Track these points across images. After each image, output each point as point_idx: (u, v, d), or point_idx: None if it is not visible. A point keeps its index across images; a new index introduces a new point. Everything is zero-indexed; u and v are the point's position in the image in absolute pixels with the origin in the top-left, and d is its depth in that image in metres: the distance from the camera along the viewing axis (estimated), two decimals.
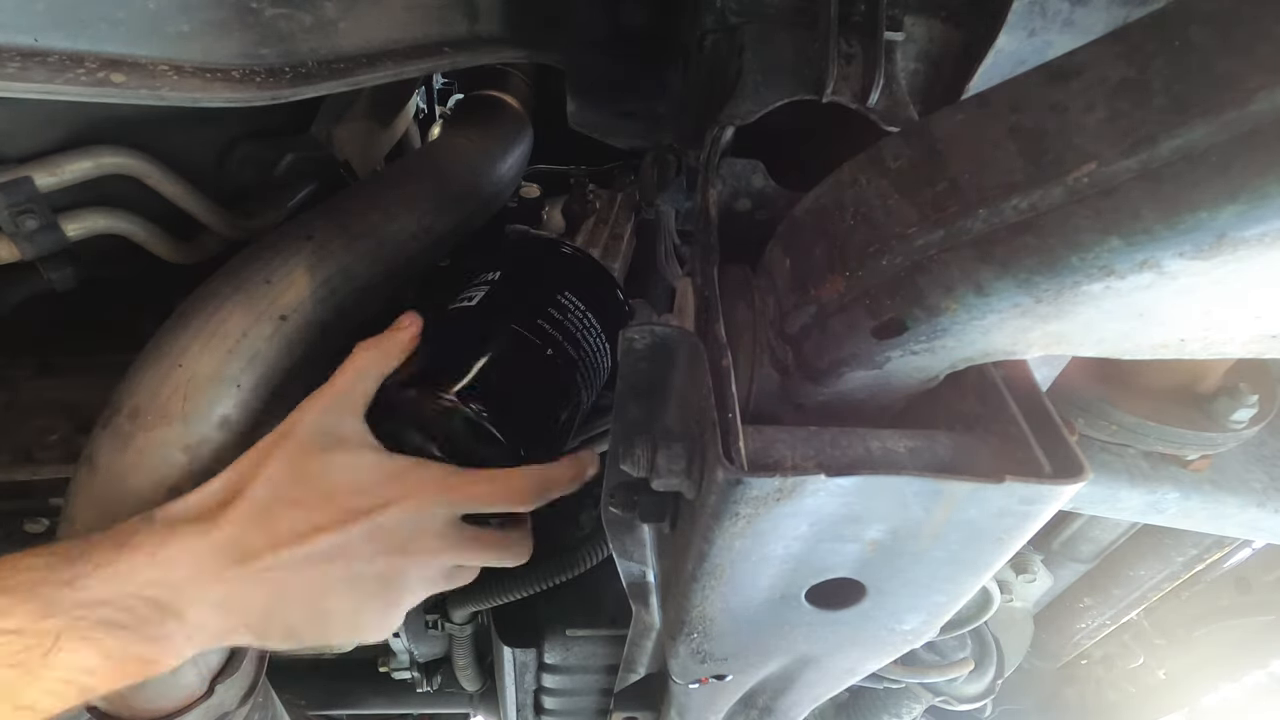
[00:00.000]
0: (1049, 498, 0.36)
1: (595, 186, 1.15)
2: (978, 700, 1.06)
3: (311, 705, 1.51)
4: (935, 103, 0.61)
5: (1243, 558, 1.21)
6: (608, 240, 1.02)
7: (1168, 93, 0.27)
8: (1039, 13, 0.54)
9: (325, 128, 0.88)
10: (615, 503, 0.46)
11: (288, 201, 0.83)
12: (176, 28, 0.56)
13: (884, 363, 0.38)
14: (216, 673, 0.66)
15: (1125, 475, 0.78)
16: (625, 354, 0.44)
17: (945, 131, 0.34)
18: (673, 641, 0.50)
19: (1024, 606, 1.26)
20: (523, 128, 1.05)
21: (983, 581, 0.44)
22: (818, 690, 0.62)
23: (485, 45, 0.72)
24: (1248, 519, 0.80)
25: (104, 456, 0.56)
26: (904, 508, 0.36)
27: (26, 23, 0.52)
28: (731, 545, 0.38)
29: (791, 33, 0.55)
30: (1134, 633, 1.38)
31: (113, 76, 0.54)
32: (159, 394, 0.57)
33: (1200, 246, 0.26)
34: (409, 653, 1.38)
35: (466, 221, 0.85)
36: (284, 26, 0.60)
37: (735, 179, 0.51)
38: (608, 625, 1.06)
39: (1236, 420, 0.74)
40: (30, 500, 0.79)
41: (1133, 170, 0.27)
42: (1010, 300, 0.32)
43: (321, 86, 0.62)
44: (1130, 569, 1.21)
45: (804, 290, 0.40)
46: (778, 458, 0.35)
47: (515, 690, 1.14)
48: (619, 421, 0.47)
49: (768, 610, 0.45)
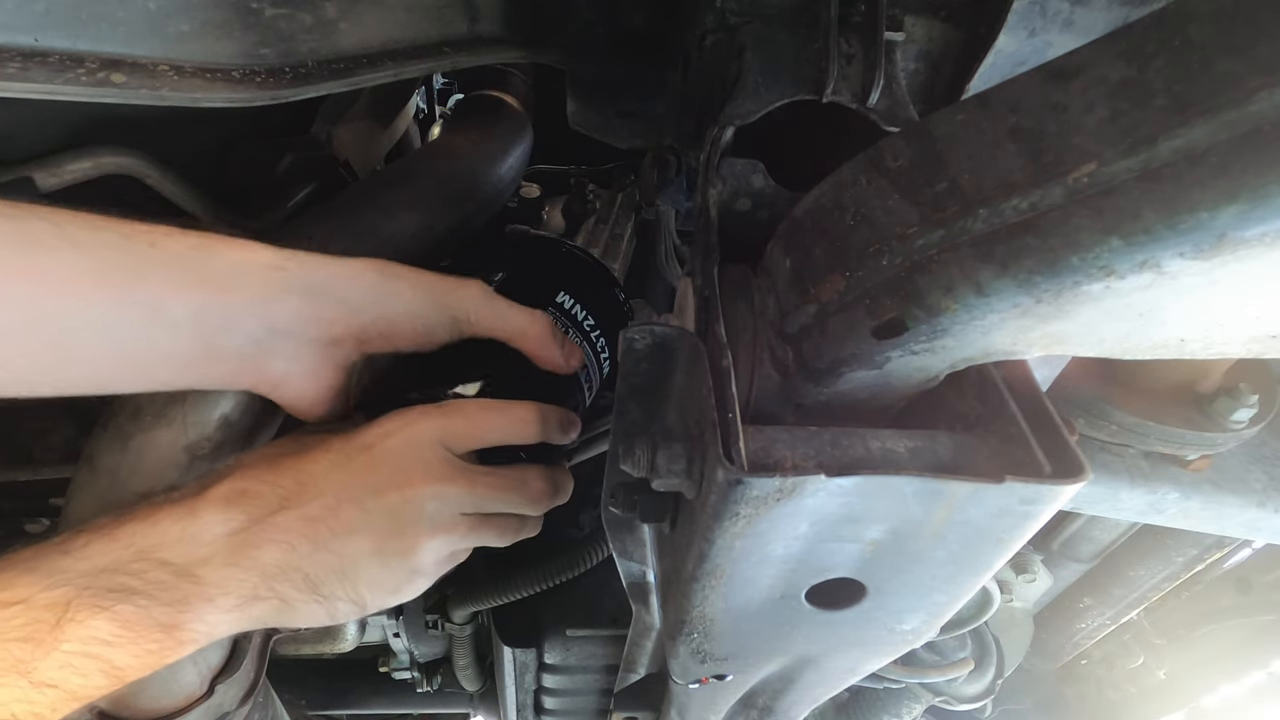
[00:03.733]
0: (1049, 498, 0.36)
1: (595, 186, 1.15)
2: (978, 700, 1.06)
3: (311, 705, 1.51)
4: (935, 103, 0.61)
5: (1243, 558, 1.21)
6: (608, 240, 1.02)
7: (1168, 93, 0.27)
8: (1039, 13, 0.54)
9: (325, 128, 0.88)
10: (615, 503, 0.46)
11: (288, 201, 0.83)
12: (177, 28, 0.56)
13: (884, 363, 0.38)
14: (217, 672, 0.66)
15: (1125, 475, 0.78)
16: (625, 354, 0.44)
17: (945, 131, 0.34)
18: (673, 641, 0.50)
19: (1024, 606, 1.26)
20: (523, 128, 1.05)
21: (983, 581, 0.44)
22: (818, 690, 0.62)
23: (485, 45, 0.72)
24: (1248, 519, 0.80)
25: (104, 456, 0.56)
26: (904, 508, 0.36)
27: (27, 23, 0.52)
28: (732, 545, 0.38)
29: (791, 33, 0.55)
30: (1134, 633, 1.38)
31: (113, 76, 0.54)
32: (159, 394, 0.57)
33: (1200, 247, 0.26)
34: (409, 653, 1.38)
35: (467, 221, 0.85)
36: (284, 26, 0.60)
37: (735, 179, 0.51)
38: (608, 625, 1.06)
39: (1236, 420, 0.74)
40: (30, 500, 0.80)
41: (1133, 170, 0.27)
42: (1010, 300, 0.32)
43: (322, 86, 0.62)
44: (1130, 569, 1.21)
45: (804, 290, 0.40)
46: (778, 458, 0.35)
47: (515, 690, 1.14)
48: (619, 421, 0.47)
49: (768, 610, 0.45)
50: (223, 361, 0.48)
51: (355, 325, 0.51)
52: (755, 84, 0.53)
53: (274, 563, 0.48)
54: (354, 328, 0.51)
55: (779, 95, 0.53)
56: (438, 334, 0.55)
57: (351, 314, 0.51)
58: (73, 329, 0.44)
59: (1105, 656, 1.43)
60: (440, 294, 0.54)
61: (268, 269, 0.48)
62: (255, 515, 0.48)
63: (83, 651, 0.42)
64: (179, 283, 0.46)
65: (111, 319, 0.44)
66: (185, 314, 0.46)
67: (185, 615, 0.46)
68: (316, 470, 0.50)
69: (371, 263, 0.52)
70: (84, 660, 0.42)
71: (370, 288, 0.51)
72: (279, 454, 0.51)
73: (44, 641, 0.40)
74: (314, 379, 0.51)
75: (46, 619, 0.41)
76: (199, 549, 0.46)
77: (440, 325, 0.54)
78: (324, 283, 0.50)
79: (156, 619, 0.44)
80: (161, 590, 0.45)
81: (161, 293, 0.45)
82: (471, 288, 0.55)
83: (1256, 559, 1.22)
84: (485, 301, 0.56)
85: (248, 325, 0.48)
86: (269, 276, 0.48)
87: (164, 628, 0.45)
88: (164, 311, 0.45)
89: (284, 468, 0.50)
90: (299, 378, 0.51)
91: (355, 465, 0.50)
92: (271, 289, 0.48)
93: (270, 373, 0.50)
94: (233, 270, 0.47)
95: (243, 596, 0.48)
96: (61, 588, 0.42)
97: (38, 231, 0.43)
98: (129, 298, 0.45)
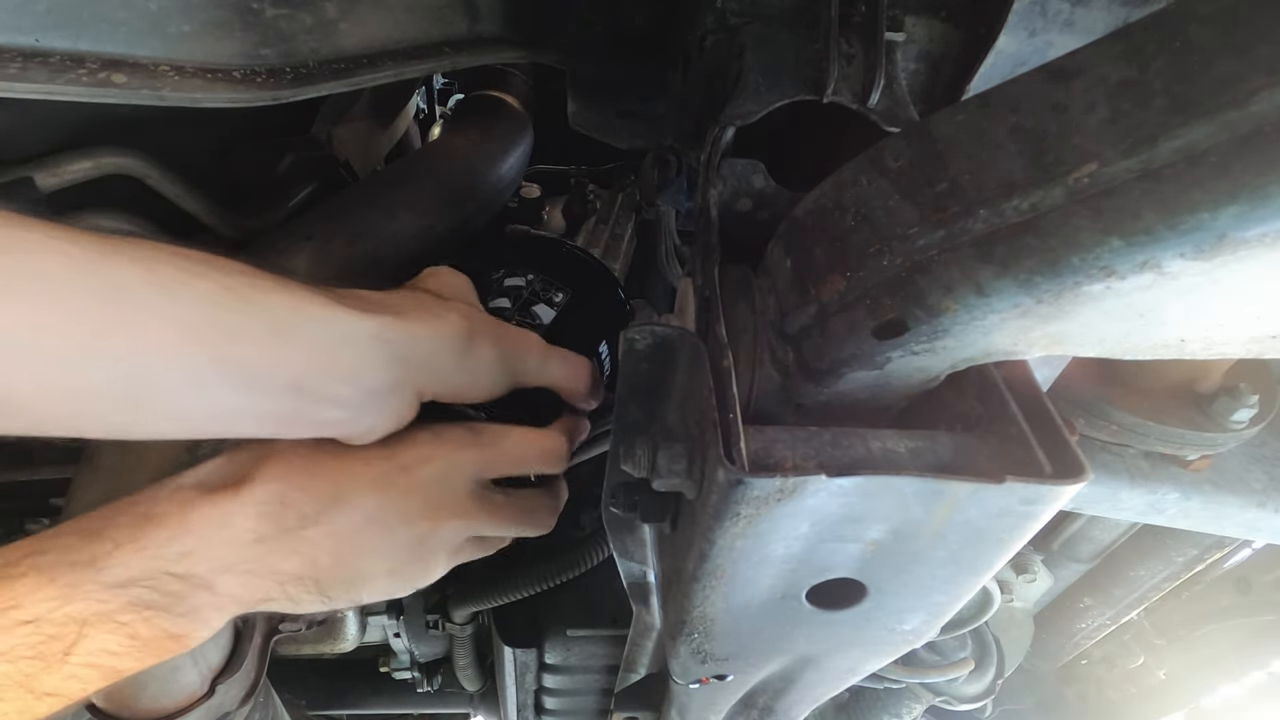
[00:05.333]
0: (1049, 498, 0.36)
1: (595, 186, 1.15)
2: (978, 700, 1.06)
3: (311, 705, 1.51)
4: (935, 103, 0.61)
5: (1243, 558, 1.21)
6: (608, 240, 1.02)
7: (1168, 93, 0.27)
8: (1039, 13, 0.54)
9: (325, 128, 0.88)
10: (616, 503, 0.46)
11: (288, 201, 0.83)
12: (178, 28, 0.56)
13: (884, 363, 0.38)
14: (217, 672, 0.66)
15: (1125, 475, 0.78)
16: (626, 354, 0.44)
17: (945, 131, 0.34)
18: (673, 641, 0.50)
19: (1024, 606, 1.26)
20: (523, 128, 1.05)
21: (983, 582, 0.44)
22: (818, 690, 0.62)
23: (485, 45, 0.72)
24: (1248, 519, 0.80)
25: (104, 456, 0.56)
26: (904, 508, 0.36)
27: (28, 23, 0.52)
28: (732, 545, 0.38)
29: (792, 33, 0.55)
30: (1134, 633, 1.38)
31: (114, 77, 0.54)
32: None
33: (1200, 247, 0.26)
34: (409, 653, 1.38)
35: (467, 221, 0.85)
36: (285, 27, 0.60)
37: (736, 179, 0.51)
38: (608, 625, 1.06)
39: (1236, 420, 0.74)
40: (30, 500, 0.80)
41: (1133, 170, 0.27)
42: (1011, 300, 0.32)
43: (322, 87, 0.62)
44: (1130, 569, 1.21)
45: (804, 290, 0.40)
46: (778, 458, 0.35)
47: (516, 690, 1.14)
48: (619, 421, 0.47)
49: (768, 610, 0.45)
50: (316, 424, 0.48)
51: (440, 389, 0.52)
52: (756, 84, 0.53)
53: (292, 572, 0.48)
54: (438, 390, 0.52)
55: (779, 95, 0.53)
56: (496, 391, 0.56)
57: (441, 381, 0.51)
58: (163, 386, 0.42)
59: (1105, 656, 1.43)
60: (511, 359, 0.55)
61: (372, 340, 0.47)
62: (286, 527, 0.47)
63: (89, 663, 0.42)
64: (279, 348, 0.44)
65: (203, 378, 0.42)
66: (282, 383, 0.45)
67: (193, 625, 0.46)
68: (354, 486, 0.49)
69: (460, 326, 0.51)
70: (89, 670, 0.42)
71: (459, 358, 0.52)
72: (317, 456, 0.50)
73: (54, 659, 0.40)
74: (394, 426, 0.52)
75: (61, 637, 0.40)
76: (225, 557, 0.45)
77: (501, 384, 0.55)
78: (423, 357, 0.50)
79: (166, 629, 0.44)
80: (176, 602, 0.44)
81: (259, 359, 0.43)
82: (534, 348, 0.56)
83: (1256, 559, 1.22)
84: (542, 362, 0.57)
85: (346, 394, 0.47)
86: (373, 349, 0.47)
87: (171, 636, 0.45)
88: (260, 377, 0.44)
89: (321, 476, 0.49)
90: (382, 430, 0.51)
91: (395, 490, 0.50)
92: (375, 364, 0.47)
93: (359, 428, 0.50)
94: (336, 342, 0.46)
95: (252, 601, 0.48)
96: (79, 602, 0.41)
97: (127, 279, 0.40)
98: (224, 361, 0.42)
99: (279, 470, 0.48)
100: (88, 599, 0.41)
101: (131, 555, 0.43)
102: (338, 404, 0.47)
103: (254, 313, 0.43)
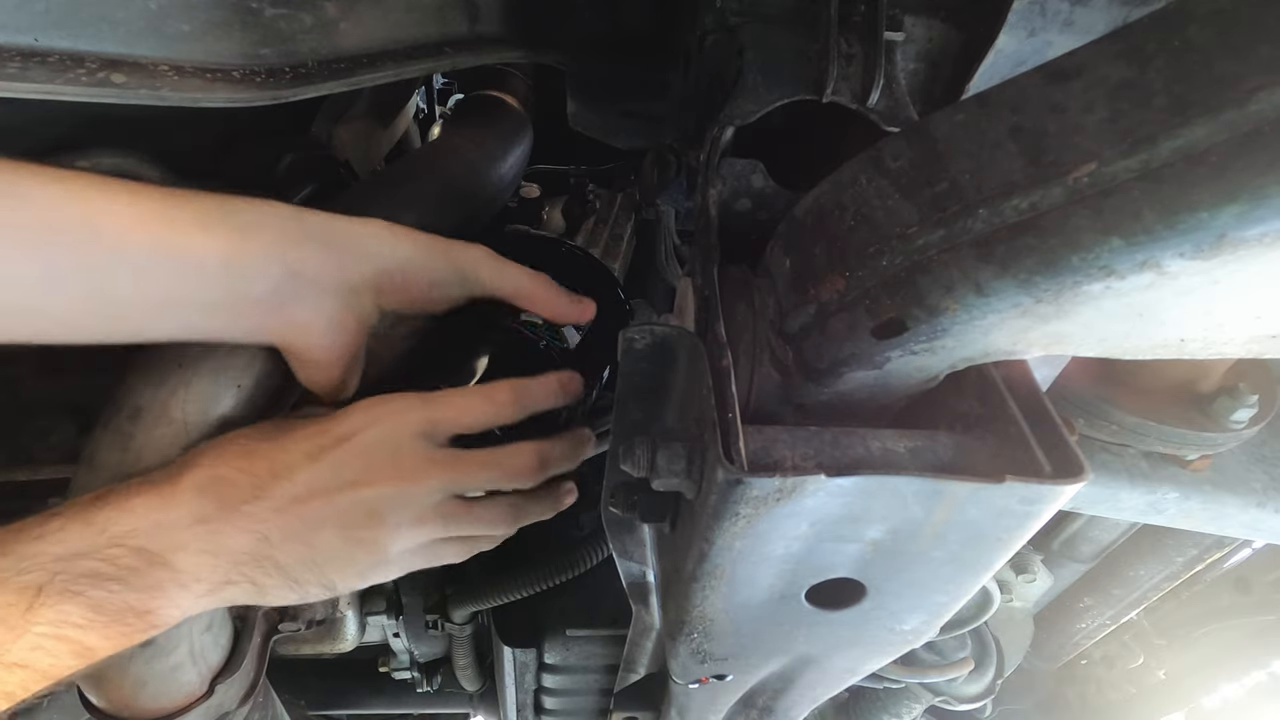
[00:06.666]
0: (1049, 498, 0.36)
1: (595, 186, 1.15)
2: (978, 700, 1.06)
3: (311, 705, 1.51)
4: (935, 103, 0.61)
5: (1243, 558, 1.20)
6: (608, 240, 1.02)
7: (1168, 93, 0.27)
8: (1039, 13, 0.54)
9: (325, 128, 0.88)
10: (615, 503, 0.46)
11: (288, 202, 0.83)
12: (177, 28, 0.56)
13: (884, 363, 0.38)
14: (217, 672, 0.66)
15: (1125, 475, 0.78)
16: (625, 354, 0.44)
17: (945, 131, 0.34)
18: (673, 641, 0.50)
19: (1024, 606, 1.26)
20: (523, 128, 1.05)
21: (983, 581, 0.44)
22: (818, 690, 0.62)
23: (485, 45, 0.72)
24: (1248, 519, 0.80)
25: (104, 456, 0.56)
26: (904, 508, 0.36)
27: (27, 22, 0.52)
28: (732, 545, 0.38)
29: (791, 33, 0.55)
30: (1134, 633, 1.38)
31: (113, 77, 0.54)
32: (159, 394, 0.57)
33: (1200, 247, 0.26)
34: (409, 653, 1.38)
35: (467, 222, 0.85)
36: (284, 27, 0.60)
37: (735, 179, 0.51)
38: (608, 625, 1.06)
39: (1236, 420, 0.74)
40: (30, 500, 0.79)
41: (1133, 170, 0.27)
42: (1010, 300, 0.32)
43: (322, 87, 0.62)
44: (1130, 569, 1.21)
45: (804, 290, 0.40)
46: (778, 458, 0.35)
47: (515, 690, 1.14)
48: (619, 421, 0.47)
49: (768, 610, 0.45)
50: (250, 308, 0.51)
51: (370, 273, 0.54)
52: (755, 84, 0.53)
53: (245, 550, 0.49)
54: (370, 275, 0.54)
55: (779, 95, 0.53)
56: (448, 290, 0.57)
57: (367, 261, 0.53)
58: (112, 275, 0.46)
59: (1105, 656, 1.43)
60: (447, 249, 0.57)
61: (287, 219, 0.52)
62: (228, 503, 0.48)
63: (54, 634, 0.43)
64: (209, 231, 0.48)
65: (147, 265, 0.47)
66: (215, 261, 0.48)
67: (158, 600, 0.47)
68: (290, 460, 0.50)
69: (380, 220, 0.56)
70: (55, 642, 0.43)
71: (383, 239, 0.55)
72: (256, 439, 0.51)
73: (15, 625, 0.41)
74: (336, 328, 0.53)
75: (18, 603, 0.42)
76: (173, 536, 0.47)
77: (449, 281, 0.57)
78: (340, 232, 0.53)
79: (129, 604, 0.45)
80: (134, 576, 0.45)
81: (193, 241, 0.48)
82: (476, 248, 0.58)
83: (1256, 559, 1.22)
84: (489, 259, 0.59)
85: (272, 270, 0.50)
86: (289, 225, 0.51)
87: (136, 612, 0.46)
88: (195, 258, 0.48)
89: (259, 455, 0.50)
90: (322, 326, 0.53)
91: (330, 457, 0.50)
92: (292, 236, 0.51)
93: (295, 320, 0.52)
94: (256, 219, 0.50)
95: (215, 581, 0.49)
96: (34, 572, 0.43)
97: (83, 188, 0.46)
98: (164, 245, 0.47)
99: (215, 456, 0.50)
100: (41, 569, 0.43)
101: (79, 529, 0.45)
102: (269, 282, 0.50)
103: (187, 206, 0.48)
